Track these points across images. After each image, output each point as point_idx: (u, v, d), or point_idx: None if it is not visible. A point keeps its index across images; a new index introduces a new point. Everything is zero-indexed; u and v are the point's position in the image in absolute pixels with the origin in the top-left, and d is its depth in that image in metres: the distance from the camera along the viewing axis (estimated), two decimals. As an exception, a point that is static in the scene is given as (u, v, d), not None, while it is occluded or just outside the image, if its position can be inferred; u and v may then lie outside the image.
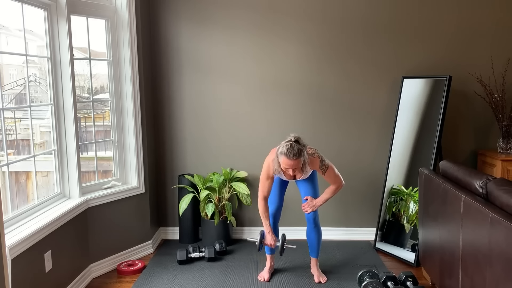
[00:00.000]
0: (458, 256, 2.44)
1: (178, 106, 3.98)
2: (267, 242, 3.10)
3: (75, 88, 3.16)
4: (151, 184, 3.89)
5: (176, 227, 4.12)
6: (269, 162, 2.97)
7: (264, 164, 3.02)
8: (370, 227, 4.05)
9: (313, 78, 3.90)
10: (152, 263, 3.55)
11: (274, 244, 3.09)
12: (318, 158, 2.95)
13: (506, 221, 1.91)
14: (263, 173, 3.02)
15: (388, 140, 3.94)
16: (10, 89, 3.33)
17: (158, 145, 4.04)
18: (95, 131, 3.48)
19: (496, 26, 3.81)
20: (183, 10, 3.86)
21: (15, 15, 2.79)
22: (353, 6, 3.81)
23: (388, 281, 2.99)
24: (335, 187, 3.04)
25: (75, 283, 3.07)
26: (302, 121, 3.95)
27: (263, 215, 3.08)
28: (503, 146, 3.70)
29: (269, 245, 3.10)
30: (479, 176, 2.45)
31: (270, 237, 3.08)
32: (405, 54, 3.85)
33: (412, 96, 3.73)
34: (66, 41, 3.07)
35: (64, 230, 2.94)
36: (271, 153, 3.01)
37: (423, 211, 3.08)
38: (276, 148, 2.91)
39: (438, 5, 3.79)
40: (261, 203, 3.07)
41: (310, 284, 3.20)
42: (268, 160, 2.99)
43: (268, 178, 3.02)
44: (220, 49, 3.90)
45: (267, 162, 2.99)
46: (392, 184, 3.77)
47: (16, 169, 3.53)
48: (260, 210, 3.09)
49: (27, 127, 3.06)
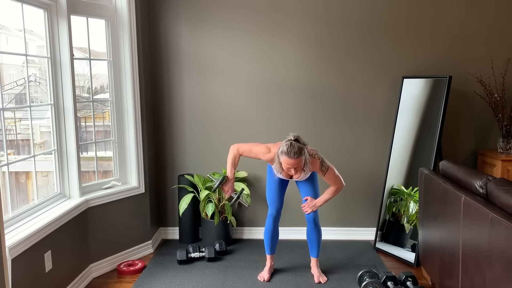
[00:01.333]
0: (458, 256, 2.44)
1: (178, 106, 3.98)
2: (224, 188, 3.15)
3: (75, 88, 3.16)
4: (151, 184, 3.89)
5: (176, 227, 4.12)
6: (273, 155, 2.94)
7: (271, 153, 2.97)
8: (370, 227, 4.05)
9: (313, 78, 3.90)
10: (152, 263, 3.55)
11: (231, 192, 3.16)
12: (319, 160, 2.95)
13: (506, 221, 1.91)
14: (264, 147, 2.99)
15: (388, 140, 3.94)
16: (10, 89, 3.33)
17: (158, 145, 4.05)
18: (95, 131, 3.48)
19: (496, 26, 3.81)
20: (183, 10, 3.86)
21: (15, 15, 2.80)
22: (353, 6, 3.81)
23: (388, 281, 2.99)
24: (335, 188, 3.04)
25: (75, 283, 3.07)
26: (302, 121, 3.95)
27: (232, 161, 3.09)
28: (503, 146, 3.70)
29: (225, 191, 3.16)
30: (479, 176, 2.45)
31: (230, 184, 3.14)
32: (405, 54, 3.85)
33: (412, 96, 3.73)
34: (66, 41, 3.07)
35: (64, 230, 2.94)
36: (275, 145, 2.98)
37: (423, 211, 3.08)
38: (274, 144, 2.91)
39: (438, 5, 3.79)
40: (236, 152, 3.06)
41: (310, 284, 3.20)
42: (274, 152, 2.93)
43: (263, 155, 2.97)
44: (220, 49, 3.90)
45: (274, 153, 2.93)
46: (392, 184, 3.77)
47: (16, 169, 3.53)
48: (230, 156, 3.09)
49: (27, 127, 3.06)
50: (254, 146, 3.05)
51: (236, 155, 3.09)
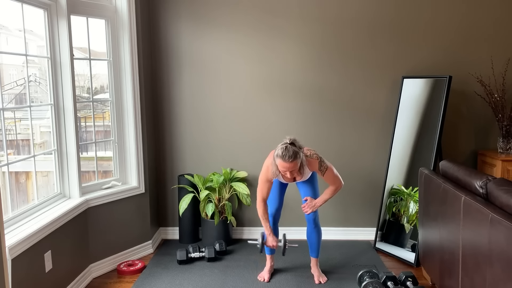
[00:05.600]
0: (458, 256, 2.44)
1: (178, 106, 3.98)
2: (269, 244, 3.10)
3: (75, 88, 3.16)
4: (151, 184, 3.89)
5: (176, 227, 4.12)
6: (267, 165, 2.97)
7: (263, 167, 3.01)
8: (370, 227, 4.05)
9: (313, 78, 3.90)
10: (152, 263, 3.55)
11: (277, 245, 3.10)
12: (317, 160, 2.95)
13: (506, 221, 1.91)
14: (262, 176, 3.02)
15: (388, 140, 3.94)
16: (10, 89, 3.33)
17: (158, 145, 4.05)
18: (95, 131, 3.48)
19: (496, 26, 3.81)
20: (183, 10, 3.86)
21: (15, 15, 2.80)
22: (353, 6, 3.81)
23: (388, 281, 2.99)
24: (334, 188, 3.04)
25: (75, 283, 3.07)
26: (302, 121, 3.95)
27: (263, 217, 3.08)
28: (503, 146, 3.70)
29: (271, 247, 3.10)
30: (479, 176, 2.45)
31: (271, 238, 3.09)
32: (405, 54, 3.85)
33: (412, 96, 3.73)
34: (66, 41, 3.07)
35: (64, 230, 2.94)
36: (270, 156, 3.00)
37: (423, 211, 3.08)
38: (274, 150, 2.91)
39: (438, 5, 3.79)
40: (260, 205, 3.07)
41: (310, 284, 3.20)
42: (267, 163, 2.99)
43: (267, 181, 3.01)
44: (221, 49, 3.90)
45: (266, 164, 2.99)
46: (392, 184, 3.77)
47: (16, 169, 3.53)
48: (259, 213, 3.09)
49: (27, 127, 3.06)
50: (259, 184, 3.05)
51: (261, 206, 3.06)
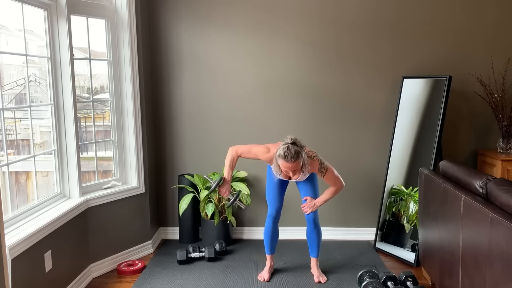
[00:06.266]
0: (458, 256, 2.44)
1: (178, 106, 3.98)
2: (221, 189, 3.16)
3: (75, 88, 3.16)
4: (151, 184, 3.89)
5: (176, 227, 4.12)
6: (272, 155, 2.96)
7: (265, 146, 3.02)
8: (370, 227, 4.05)
9: (313, 78, 3.90)
10: (152, 263, 3.55)
11: (228, 194, 3.17)
12: (317, 161, 2.96)
13: (506, 221, 1.91)
14: (263, 147, 3.02)
15: (388, 140, 3.94)
16: (10, 89, 3.33)
17: (158, 145, 4.05)
18: (95, 131, 3.48)
19: (496, 26, 3.81)
20: (183, 10, 3.86)
21: (15, 15, 2.79)
22: (352, 6, 3.81)
23: (388, 281, 2.99)
24: (335, 189, 3.04)
25: (75, 283, 3.07)
26: (302, 121, 3.95)
27: (230, 163, 3.10)
28: (503, 146, 3.70)
29: (222, 193, 3.16)
30: (479, 176, 2.45)
31: (227, 187, 3.15)
32: (405, 54, 3.85)
33: (412, 96, 3.73)
34: (66, 41, 3.07)
35: (64, 230, 2.94)
36: (273, 146, 3.00)
37: (423, 211, 3.08)
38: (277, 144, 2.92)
39: (438, 5, 3.79)
40: (234, 154, 3.08)
41: (310, 284, 3.20)
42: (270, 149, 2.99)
43: (263, 155, 3.00)
44: (221, 49, 3.90)
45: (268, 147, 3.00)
46: (392, 184, 3.77)
47: (16, 169, 3.53)
48: (228, 158, 3.10)
49: (27, 127, 3.06)
50: (253, 147, 3.06)
51: (234, 156, 3.10)
